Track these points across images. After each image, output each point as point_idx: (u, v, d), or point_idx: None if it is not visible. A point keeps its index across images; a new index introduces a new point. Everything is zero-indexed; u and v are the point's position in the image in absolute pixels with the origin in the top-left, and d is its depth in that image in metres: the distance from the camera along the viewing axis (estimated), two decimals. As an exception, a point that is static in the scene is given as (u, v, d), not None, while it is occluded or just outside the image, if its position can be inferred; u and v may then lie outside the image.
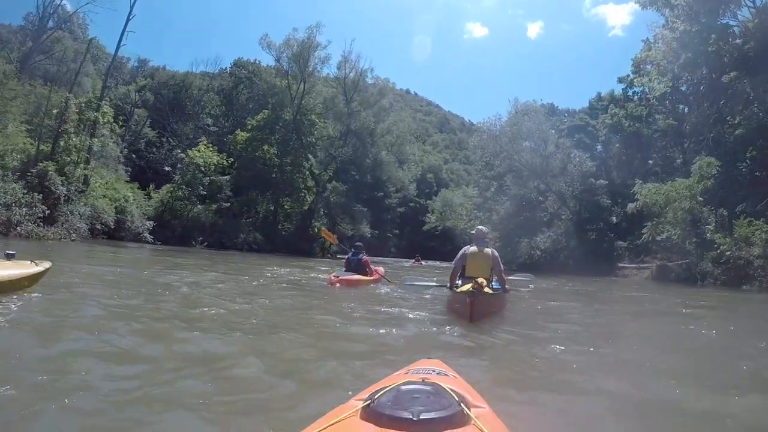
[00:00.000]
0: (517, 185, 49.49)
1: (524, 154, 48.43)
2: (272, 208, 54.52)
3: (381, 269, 16.72)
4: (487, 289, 8.16)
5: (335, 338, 6.30)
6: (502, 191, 52.11)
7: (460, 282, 9.01)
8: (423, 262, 51.20)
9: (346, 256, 15.51)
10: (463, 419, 1.69)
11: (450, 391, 1.84)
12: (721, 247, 29.45)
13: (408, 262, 50.27)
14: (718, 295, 21.88)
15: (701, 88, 40.03)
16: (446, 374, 2.35)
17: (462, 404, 1.76)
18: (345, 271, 14.44)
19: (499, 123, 49.03)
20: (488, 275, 8.94)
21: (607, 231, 45.05)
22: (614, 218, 45.63)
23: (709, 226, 32.86)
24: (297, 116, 53.52)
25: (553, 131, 50.92)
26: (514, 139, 47.46)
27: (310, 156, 55.68)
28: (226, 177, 45.24)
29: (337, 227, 57.26)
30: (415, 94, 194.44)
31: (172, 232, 40.69)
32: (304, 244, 51.27)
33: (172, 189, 42.54)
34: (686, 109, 45.87)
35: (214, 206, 46.87)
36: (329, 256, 51.13)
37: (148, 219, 38.45)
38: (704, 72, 37.62)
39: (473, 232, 9.72)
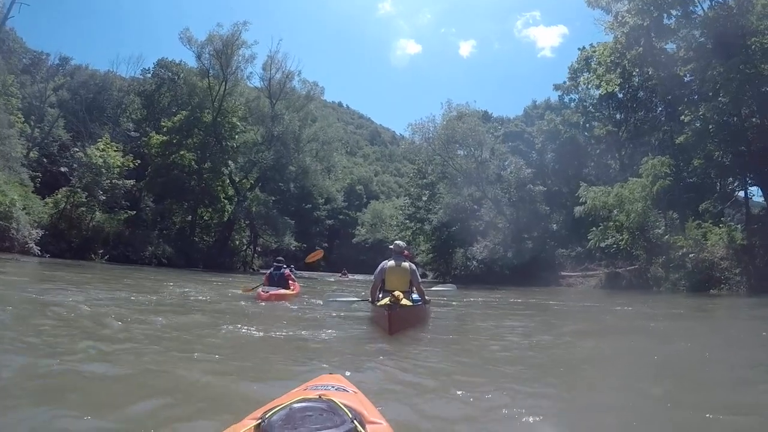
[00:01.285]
0: (451, 193, 46.99)
1: (458, 159, 46.04)
2: (189, 218, 50.13)
3: (299, 283, 16.54)
4: (405, 302, 8.31)
5: (247, 355, 6.04)
6: (435, 200, 49.59)
7: (380, 296, 9.18)
8: (350, 276, 49.42)
9: (268, 271, 15.43)
10: None
11: (344, 408, 1.79)
12: (682, 250, 27.92)
13: (334, 277, 48.62)
14: (685, 302, 20.26)
15: (650, 83, 38.60)
16: (346, 390, 2.30)
17: (355, 421, 1.71)
18: (268, 285, 14.26)
19: (432, 125, 46.32)
20: (407, 288, 9.06)
21: (547, 239, 42.84)
22: (554, 225, 43.39)
23: (659, 230, 30.87)
24: (217, 118, 49.34)
25: (489, 136, 48.56)
26: (448, 143, 44.73)
27: (231, 162, 51.50)
28: (131, 181, 40.23)
29: (259, 240, 53.74)
30: (347, 106, 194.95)
31: (68, 243, 35.68)
32: (223, 259, 47.83)
33: (68, 193, 37.51)
34: (622, 117, 45.48)
35: (124, 215, 42.18)
36: (251, 270, 47.93)
37: (41, 228, 33.42)
38: (652, 69, 36.06)
39: (391, 246, 9.82)
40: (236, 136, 51.32)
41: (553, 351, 7.51)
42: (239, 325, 8.20)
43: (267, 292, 13.38)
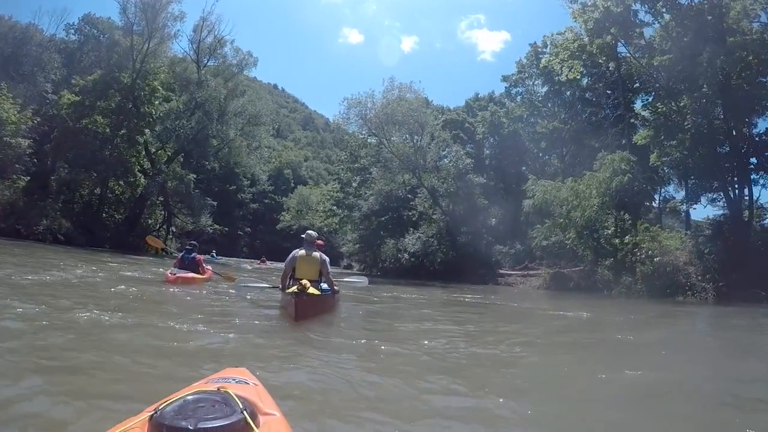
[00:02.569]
0: (385, 179, 43.93)
1: (396, 142, 42.70)
2: (98, 191, 45.22)
3: (210, 268, 16.54)
4: (312, 290, 8.64)
5: (152, 345, 5.72)
6: (367, 185, 46.59)
7: (290, 283, 9.24)
8: (268, 263, 49.74)
9: (180, 255, 15.44)
10: (244, 427, 1.72)
11: (237, 400, 1.85)
12: (641, 252, 26.16)
13: (252, 264, 47.84)
14: (655, 308, 19.29)
15: (614, 76, 36.55)
16: (247, 382, 2.40)
17: (245, 412, 1.78)
18: (178, 269, 14.13)
19: (371, 101, 42.27)
20: (316, 278, 9.36)
21: (485, 234, 40.35)
22: (493, 220, 40.95)
23: (608, 230, 29.08)
24: (137, 80, 44.50)
25: (433, 118, 45.53)
26: (385, 123, 40.96)
27: (147, 130, 46.57)
28: (26, 141, 35.23)
29: (174, 219, 49.52)
30: (283, 89, 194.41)
31: None
32: (134, 239, 42.81)
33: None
34: (567, 115, 44.03)
35: (21, 183, 37.51)
36: (164, 253, 43.87)
37: None
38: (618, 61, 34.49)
39: (303, 236, 9.85)
40: (156, 102, 46.59)
41: (482, 358, 6.97)
42: (144, 312, 8.09)
43: (174, 274, 13.41)
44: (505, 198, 42.71)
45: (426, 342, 7.51)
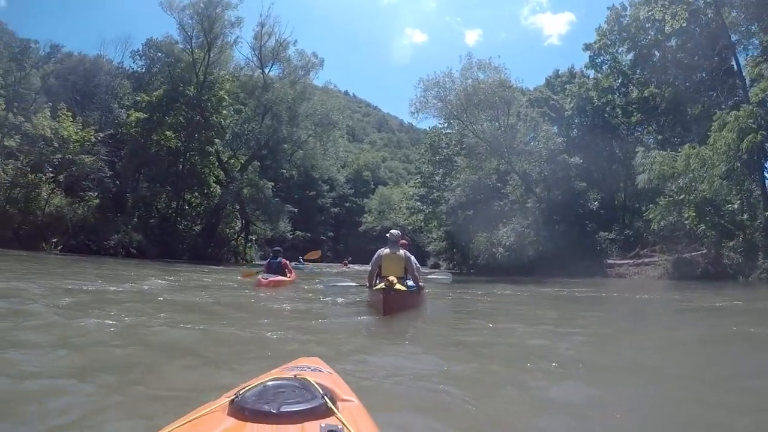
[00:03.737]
0: (471, 167, 40.37)
1: (481, 125, 38.88)
2: (174, 204, 44.47)
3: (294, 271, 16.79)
4: (399, 287, 8.80)
5: (241, 338, 5.98)
6: (452, 176, 43.08)
7: (377, 281, 9.53)
8: (350, 267, 49.55)
9: (266, 261, 16.48)
10: (325, 411, 1.69)
11: (316, 386, 1.85)
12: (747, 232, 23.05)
13: (336, 267, 47.44)
14: None
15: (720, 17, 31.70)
16: (321, 371, 2.35)
17: (326, 397, 1.76)
18: (267, 273, 14.75)
19: (450, 80, 38.48)
20: (402, 275, 9.44)
21: (585, 221, 36.18)
22: (594, 204, 36.79)
23: (733, 205, 25.15)
24: (202, 91, 43.50)
25: (520, 93, 41.62)
26: (468, 104, 37.23)
27: (217, 140, 45.65)
28: (89, 157, 34.26)
29: (252, 228, 48.00)
30: (354, 95, 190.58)
31: (14, 231, 30.41)
32: (212, 249, 42.39)
33: (15, 173, 31.70)
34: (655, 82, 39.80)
35: (94, 201, 36.95)
36: (243, 262, 42.64)
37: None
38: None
39: (387, 235, 10.06)
40: (224, 111, 45.27)
41: (606, 360, 5.77)
42: (236, 312, 8.67)
43: (266, 278, 13.90)
44: (602, 179, 38.73)
45: (525, 337, 7.02)
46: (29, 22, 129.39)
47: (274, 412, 1.61)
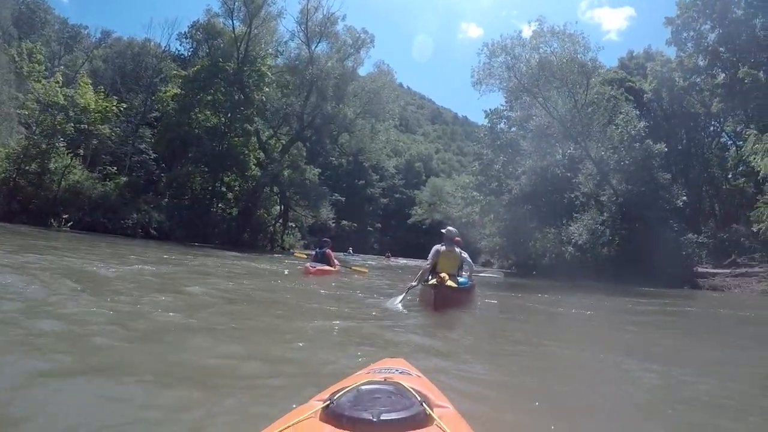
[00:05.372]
0: (539, 152, 35.44)
1: (554, 102, 33.81)
2: (209, 186, 41.18)
3: (338, 262, 17.17)
4: (450, 283, 8.72)
5: (298, 334, 5.74)
6: (515, 163, 38.36)
7: (430, 277, 9.50)
8: (392, 260, 49.74)
9: (314, 251, 16.98)
10: (425, 419, 1.64)
11: (412, 391, 1.80)
12: None
13: (378, 260, 43.62)
14: None
15: None
16: (409, 373, 2.31)
17: (424, 404, 1.71)
18: (314, 262, 15.55)
19: (519, 46, 33.71)
20: (455, 272, 9.52)
21: (669, 220, 30.88)
22: (680, 201, 31.61)
23: None
24: (242, 67, 40.31)
25: (601, 67, 36.44)
26: (539, 78, 32.43)
27: (258, 119, 42.44)
28: (105, 127, 31.21)
29: (291, 214, 44.83)
30: (408, 87, 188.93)
31: (23, 205, 27.96)
32: (248, 235, 39.72)
33: (27, 144, 29.13)
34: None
35: (122, 179, 34.99)
36: (279, 249, 40.15)
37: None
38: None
39: (443, 231, 10.07)
40: (265, 88, 41.66)
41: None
42: (293, 302, 8.77)
43: (314, 267, 14.71)
44: (688, 171, 33.89)
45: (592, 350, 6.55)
46: (85, 8, 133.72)
47: (375, 420, 1.54)
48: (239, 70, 40.07)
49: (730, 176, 39.86)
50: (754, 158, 23.03)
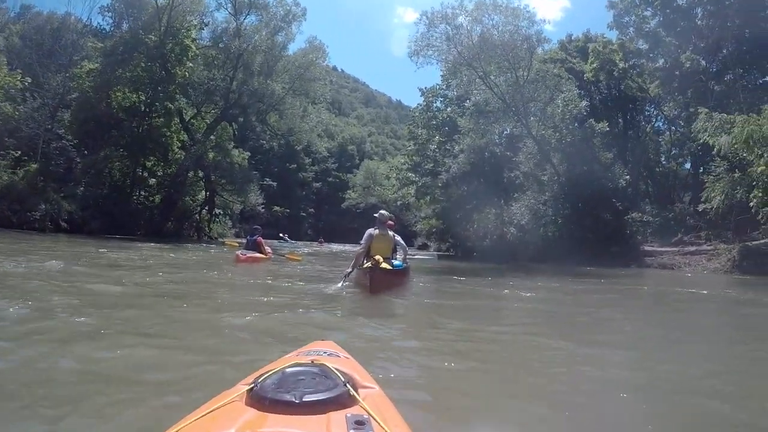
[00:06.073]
0: (477, 130, 34.01)
1: (495, 78, 32.17)
2: (130, 173, 38.12)
3: (270, 249, 17.37)
4: (384, 265, 9.01)
5: (230, 320, 5.76)
6: (453, 140, 37.20)
7: (365, 261, 9.67)
8: (325, 245, 49.64)
9: (246, 239, 18.14)
10: (348, 400, 1.65)
11: (337, 372, 1.81)
12: None
13: (310, 246, 44.53)
14: None
15: None
16: (338, 355, 2.33)
17: (348, 385, 1.72)
18: (245, 249, 15.80)
19: (463, 15, 31.73)
20: (389, 255, 9.81)
21: (613, 199, 30.31)
22: (623, 180, 31.07)
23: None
24: (165, 40, 37.15)
25: (543, 36, 34.54)
26: (481, 51, 30.72)
27: (181, 97, 39.71)
28: (12, 106, 28.72)
29: (218, 199, 42.11)
30: (343, 71, 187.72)
31: None
32: (172, 224, 37.43)
33: None
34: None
35: (32, 166, 31.53)
36: (206, 238, 38.23)
37: None
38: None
39: (376, 215, 10.30)
40: (189, 63, 38.64)
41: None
42: (222, 292, 8.69)
43: (244, 254, 14.88)
44: (630, 152, 33.74)
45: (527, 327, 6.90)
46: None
47: (297, 401, 1.54)
48: (161, 44, 37.04)
49: (663, 159, 40.92)
50: (703, 136, 22.43)
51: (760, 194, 20.52)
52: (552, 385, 3.87)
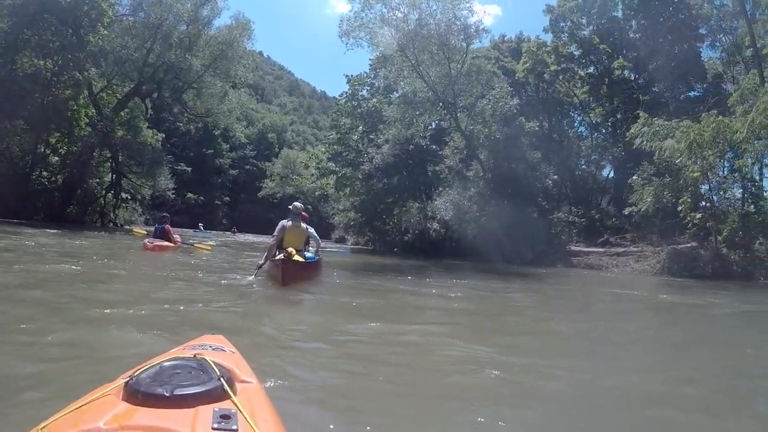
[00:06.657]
0: (404, 120, 32.70)
1: (425, 67, 30.97)
2: (29, 147, 34.38)
3: (178, 237, 17.41)
4: (297, 258, 9.18)
5: (122, 312, 5.55)
6: (378, 131, 36.34)
7: (277, 252, 9.76)
8: (238, 235, 50.87)
9: (154, 227, 17.63)
10: (221, 394, 1.68)
11: (214, 366, 1.84)
12: None
13: (224, 235, 45.85)
14: None
15: None
16: (223, 350, 2.35)
17: (222, 379, 1.75)
18: (153, 237, 15.85)
19: None
20: (302, 247, 10.07)
21: (539, 198, 30.49)
22: (549, 180, 30.92)
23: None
24: (78, 3, 33.19)
25: (482, 27, 33.60)
26: (416, 38, 29.51)
27: (90, 67, 35.15)
28: None
29: (125, 181, 38.95)
30: (268, 57, 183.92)
31: None
32: (75, 209, 34.72)
33: None
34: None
35: None
36: (110, 224, 36.10)
37: None
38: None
39: (290, 207, 10.43)
40: (103, 31, 34.94)
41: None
42: (117, 284, 8.23)
43: (151, 242, 14.92)
44: (557, 153, 34.28)
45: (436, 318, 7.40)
46: None
47: (167, 395, 1.56)
48: (75, 5, 33.34)
49: (582, 164, 41.25)
50: (641, 140, 22.51)
51: (689, 199, 21.20)
52: (451, 389, 3.83)
